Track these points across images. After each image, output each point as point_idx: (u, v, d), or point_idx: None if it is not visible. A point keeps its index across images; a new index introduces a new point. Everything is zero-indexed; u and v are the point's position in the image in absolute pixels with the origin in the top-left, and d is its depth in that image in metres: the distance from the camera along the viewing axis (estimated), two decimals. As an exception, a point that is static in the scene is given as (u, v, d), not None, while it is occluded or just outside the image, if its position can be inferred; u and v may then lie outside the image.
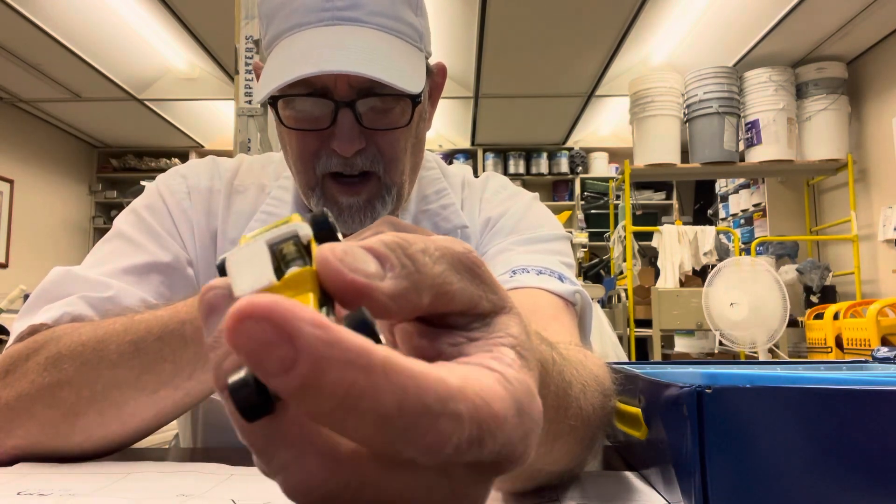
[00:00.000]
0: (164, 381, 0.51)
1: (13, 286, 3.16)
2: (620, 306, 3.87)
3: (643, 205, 5.76)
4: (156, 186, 0.76)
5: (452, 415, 0.17)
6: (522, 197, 0.81)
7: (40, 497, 0.44)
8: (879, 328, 2.88)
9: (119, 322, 0.52)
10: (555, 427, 0.32)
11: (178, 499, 0.43)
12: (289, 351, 0.15)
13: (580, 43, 3.91)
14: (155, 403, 0.52)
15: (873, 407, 0.34)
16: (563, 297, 0.64)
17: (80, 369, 0.51)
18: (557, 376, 0.32)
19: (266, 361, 0.15)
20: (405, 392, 0.16)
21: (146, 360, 0.51)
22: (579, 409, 0.36)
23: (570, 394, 0.34)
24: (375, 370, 0.16)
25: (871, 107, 3.98)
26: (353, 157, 0.65)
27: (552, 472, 0.39)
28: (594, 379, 0.42)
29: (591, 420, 0.39)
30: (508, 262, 0.68)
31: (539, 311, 0.61)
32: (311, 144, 0.65)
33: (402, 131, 0.67)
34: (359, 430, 0.16)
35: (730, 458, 0.35)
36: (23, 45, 3.80)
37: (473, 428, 0.17)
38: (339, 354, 0.15)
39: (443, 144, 5.92)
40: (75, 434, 0.52)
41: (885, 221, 3.75)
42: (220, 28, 3.54)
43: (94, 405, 0.51)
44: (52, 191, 5.51)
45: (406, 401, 0.16)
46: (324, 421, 0.16)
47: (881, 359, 0.64)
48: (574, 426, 0.35)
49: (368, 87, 0.62)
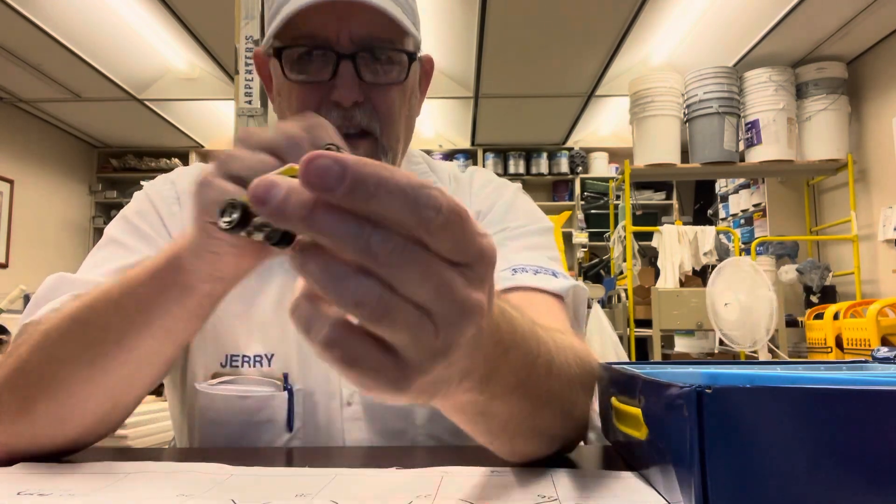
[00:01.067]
0: (109, 349, 0.51)
1: (13, 286, 3.16)
2: (620, 306, 3.86)
3: (643, 205, 5.76)
4: (144, 192, 0.77)
5: (437, 190, 0.25)
6: (507, 189, 0.84)
7: (40, 497, 0.44)
8: (879, 328, 2.88)
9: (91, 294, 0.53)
10: (502, 366, 0.38)
11: (178, 499, 0.43)
12: (340, 169, 0.23)
13: (580, 43, 3.90)
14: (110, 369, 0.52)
15: (873, 407, 0.34)
16: (558, 293, 0.69)
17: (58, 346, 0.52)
18: (508, 318, 0.38)
19: (331, 179, 0.23)
20: (408, 177, 0.25)
21: (90, 330, 0.51)
22: (533, 366, 0.42)
23: (521, 342, 0.40)
24: (388, 169, 0.24)
25: (871, 107, 3.98)
26: (353, 110, 0.66)
27: (503, 418, 0.43)
28: (571, 350, 0.50)
29: (550, 384, 0.45)
30: (508, 259, 0.71)
31: (536, 309, 0.65)
32: (311, 99, 0.67)
33: (398, 92, 0.69)
34: (383, 206, 0.24)
35: (730, 458, 0.35)
36: (23, 45, 3.80)
37: (448, 213, 0.25)
38: (366, 163, 0.24)
39: (443, 144, 5.92)
40: (58, 407, 0.53)
41: (885, 221, 3.75)
42: (220, 28, 3.54)
43: (60, 383, 0.52)
44: (52, 191, 5.51)
45: (410, 179, 0.24)
46: (360, 209, 0.24)
47: (881, 359, 0.64)
48: (525, 380, 0.41)
49: (368, 42, 0.66)
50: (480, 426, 0.43)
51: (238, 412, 0.69)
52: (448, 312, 0.26)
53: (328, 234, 0.24)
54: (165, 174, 0.79)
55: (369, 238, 0.24)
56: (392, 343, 0.26)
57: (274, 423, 0.70)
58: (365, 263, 0.25)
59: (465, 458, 0.56)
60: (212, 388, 0.70)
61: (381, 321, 0.25)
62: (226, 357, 0.71)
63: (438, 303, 0.26)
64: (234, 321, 0.72)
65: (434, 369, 0.27)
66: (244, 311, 0.72)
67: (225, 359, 0.71)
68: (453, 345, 0.27)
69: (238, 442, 0.70)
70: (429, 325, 0.26)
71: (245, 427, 0.69)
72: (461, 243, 0.26)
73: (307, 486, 0.46)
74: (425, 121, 5.46)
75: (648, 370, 0.49)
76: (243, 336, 0.72)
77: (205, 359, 0.71)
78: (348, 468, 0.51)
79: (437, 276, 0.26)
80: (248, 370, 0.71)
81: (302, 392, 0.70)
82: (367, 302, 0.25)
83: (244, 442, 0.70)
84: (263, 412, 0.69)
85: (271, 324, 0.72)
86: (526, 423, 0.45)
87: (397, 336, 0.26)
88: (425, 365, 0.27)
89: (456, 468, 0.50)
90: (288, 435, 0.70)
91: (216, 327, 0.71)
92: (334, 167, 0.23)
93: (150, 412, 1.65)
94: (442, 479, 0.47)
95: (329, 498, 0.43)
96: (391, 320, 0.25)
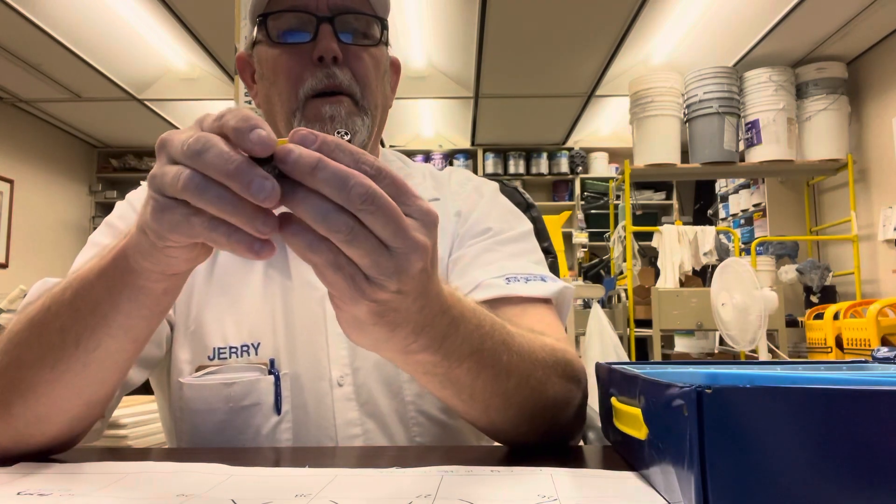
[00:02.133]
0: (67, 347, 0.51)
1: (13, 286, 3.16)
2: (620, 306, 3.86)
3: (643, 205, 5.76)
4: (127, 200, 0.80)
5: (373, 158, 0.39)
6: (487, 188, 0.87)
7: (40, 497, 0.44)
8: (879, 328, 2.88)
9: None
10: (452, 334, 0.47)
11: (178, 499, 0.43)
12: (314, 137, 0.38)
13: (580, 43, 3.91)
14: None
15: (873, 407, 0.34)
16: (548, 298, 0.73)
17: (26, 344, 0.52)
18: (456, 296, 0.48)
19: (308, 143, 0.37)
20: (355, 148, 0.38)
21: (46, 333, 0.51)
22: (488, 337, 0.51)
23: (470, 316, 0.49)
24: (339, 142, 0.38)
25: (871, 107, 3.98)
26: (333, 68, 0.72)
27: (467, 383, 0.51)
28: (540, 341, 0.58)
29: (510, 358, 0.53)
30: (502, 267, 0.74)
31: (529, 319, 0.70)
32: (295, 64, 0.73)
33: (372, 61, 0.75)
34: (339, 160, 0.37)
35: (730, 458, 0.35)
36: (23, 45, 3.80)
37: (387, 174, 0.38)
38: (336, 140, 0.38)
39: (443, 144, 5.92)
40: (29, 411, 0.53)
41: (885, 221, 3.75)
42: (220, 28, 3.54)
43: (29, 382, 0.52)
44: (52, 191, 5.51)
45: (363, 155, 0.38)
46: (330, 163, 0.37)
47: (881, 359, 0.64)
48: (479, 348, 0.50)
49: (344, 9, 0.73)
50: (450, 391, 0.52)
51: (225, 399, 0.70)
52: (400, 245, 0.38)
53: (324, 181, 0.36)
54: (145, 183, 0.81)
55: (351, 188, 0.36)
56: (358, 263, 0.38)
57: (261, 406, 0.70)
58: (345, 205, 0.36)
59: (465, 458, 0.56)
60: (197, 379, 0.70)
61: (350, 244, 0.37)
62: (213, 350, 0.71)
63: (394, 238, 0.37)
64: (219, 315, 0.73)
65: (388, 286, 0.39)
66: (229, 304, 0.73)
67: (213, 352, 0.71)
68: (403, 270, 0.39)
69: (227, 428, 0.70)
70: (385, 251, 0.38)
71: (232, 414, 0.70)
72: (399, 193, 0.38)
73: (307, 486, 0.46)
74: (425, 121, 5.46)
75: (648, 370, 0.49)
76: (230, 328, 0.72)
77: (191, 355, 0.72)
78: (348, 468, 0.51)
79: (396, 218, 0.37)
80: (236, 361, 0.71)
81: (289, 375, 0.71)
82: (342, 230, 0.36)
83: (233, 428, 0.70)
84: (250, 397, 0.70)
85: (257, 313, 0.73)
86: (491, 391, 0.53)
87: (363, 258, 0.38)
88: (382, 281, 0.39)
89: (456, 468, 0.50)
90: (276, 418, 0.70)
91: (201, 323, 0.72)
92: (310, 136, 0.37)
93: (151, 412, 1.65)
94: (442, 479, 0.47)
95: (329, 498, 0.43)
96: (357, 245, 0.37)
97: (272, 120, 0.77)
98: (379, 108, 0.78)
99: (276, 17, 0.74)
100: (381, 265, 0.38)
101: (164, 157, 0.40)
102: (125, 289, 0.47)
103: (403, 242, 0.38)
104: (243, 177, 0.36)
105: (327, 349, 0.72)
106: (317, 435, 0.71)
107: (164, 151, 0.40)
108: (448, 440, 0.74)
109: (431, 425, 0.74)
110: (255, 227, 0.37)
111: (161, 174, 0.39)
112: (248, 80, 0.81)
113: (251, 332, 0.72)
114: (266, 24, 0.74)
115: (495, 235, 0.79)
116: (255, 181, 0.36)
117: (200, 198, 0.37)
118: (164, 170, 0.39)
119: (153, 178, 0.40)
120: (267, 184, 0.36)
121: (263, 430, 0.70)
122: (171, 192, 0.38)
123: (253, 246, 0.38)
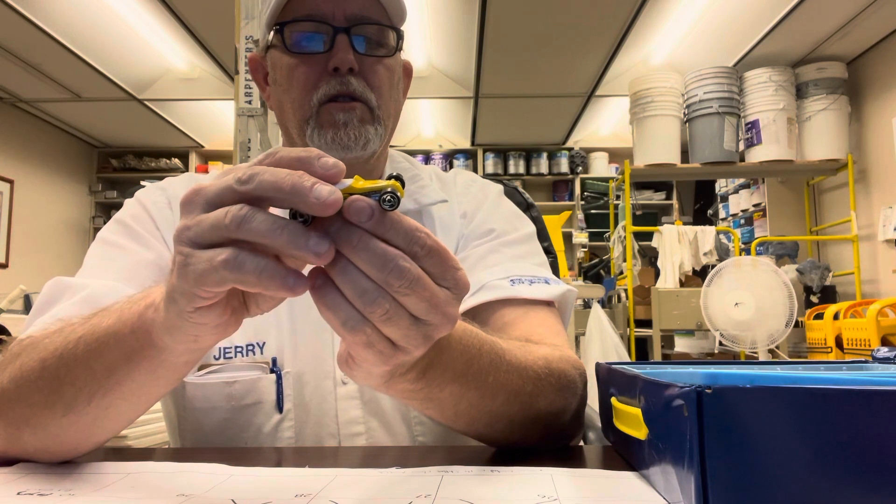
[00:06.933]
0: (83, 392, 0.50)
1: (13, 286, 3.16)
2: (620, 306, 3.86)
3: (643, 205, 5.75)
4: (136, 198, 0.79)
5: (425, 232, 0.37)
6: (491, 190, 0.88)
7: (40, 497, 0.44)
8: (879, 328, 2.88)
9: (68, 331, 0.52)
10: (435, 362, 0.47)
11: (178, 499, 0.43)
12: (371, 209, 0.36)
13: (580, 43, 3.90)
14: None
15: (873, 407, 0.34)
16: (551, 300, 0.74)
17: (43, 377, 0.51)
18: (471, 335, 0.50)
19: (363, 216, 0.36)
20: (410, 221, 0.37)
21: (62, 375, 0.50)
22: (475, 359, 0.51)
23: (455, 344, 0.49)
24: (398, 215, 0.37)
25: (871, 107, 3.98)
26: (348, 76, 0.72)
27: (451, 403, 0.51)
28: (536, 354, 0.59)
29: (498, 376, 0.53)
30: (506, 269, 0.74)
31: (531, 321, 0.71)
32: (310, 73, 0.72)
33: (387, 71, 0.75)
34: (388, 236, 0.36)
35: (730, 458, 0.35)
36: (23, 45, 3.80)
37: (433, 246, 0.38)
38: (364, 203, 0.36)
39: (443, 144, 5.92)
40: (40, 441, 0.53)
41: (885, 221, 3.75)
42: (220, 28, 3.54)
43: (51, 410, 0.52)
44: (52, 191, 5.51)
45: (410, 222, 0.37)
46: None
47: (881, 359, 0.64)
48: (464, 372, 0.50)
49: (360, 19, 0.73)
50: (434, 410, 0.52)
51: (226, 398, 0.70)
52: (432, 320, 0.38)
53: (365, 261, 0.36)
54: (154, 183, 0.82)
55: (390, 271, 0.36)
56: (388, 336, 0.38)
57: (263, 404, 0.71)
58: (383, 284, 0.36)
59: (465, 458, 0.56)
60: (199, 378, 0.71)
61: (385, 324, 0.37)
62: (219, 349, 0.72)
63: (426, 314, 0.38)
64: None
65: (414, 353, 0.40)
66: None
67: (218, 351, 0.72)
68: (430, 339, 0.39)
69: (229, 426, 0.71)
70: (416, 324, 0.38)
71: (234, 412, 0.70)
72: (443, 270, 0.38)
73: (307, 486, 0.46)
74: (425, 121, 5.46)
75: (648, 370, 0.49)
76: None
77: None
78: (348, 468, 0.51)
79: (430, 297, 0.37)
80: (241, 360, 0.72)
81: (292, 374, 0.72)
82: (378, 311, 0.36)
83: (235, 426, 0.71)
84: (251, 395, 0.71)
85: None
86: (477, 409, 0.53)
87: (394, 333, 0.38)
88: (409, 350, 0.39)
89: (456, 468, 0.50)
90: (278, 416, 0.71)
91: None
92: (367, 209, 0.36)
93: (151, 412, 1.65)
94: (442, 478, 0.47)
95: (329, 498, 0.43)
96: (392, 324, 0.37)
97: (284, 126, 0.77)
98: (392, 117, 0.78)
99: (292, 25, 0.73)
100: (410, 337, 0.38)
101: (195, 208, 0.38)
102: (144, 360, 0.46)
103: (435, 318, 0.38)
104: (299, 236, 0.35)
105: (333, 347, 0.73)
106: (319, 433, 0.71)
107: (196, 201, 0.38)
108: (451, 439, 0.74)
109: (434, 424, 0.74)
110: (308, 249, 0.35)
111: (195, 223, 0.37)
112: (261, 82, 0.81)
113: (256, 331, 0.73)
114: (282, 32, 0.73)
115: (499, 237, 0.79)
116: (312, 237, 0.35)
117: (249, 224, 0.35)
118: (198, 219, 0.37)
119: (181, 231, 0.38)
120: (324, 242, 0.35)
121: (265, 429, 0.70)
122: (213, 234, 0.36)
123: (287, 281, 0.36)
